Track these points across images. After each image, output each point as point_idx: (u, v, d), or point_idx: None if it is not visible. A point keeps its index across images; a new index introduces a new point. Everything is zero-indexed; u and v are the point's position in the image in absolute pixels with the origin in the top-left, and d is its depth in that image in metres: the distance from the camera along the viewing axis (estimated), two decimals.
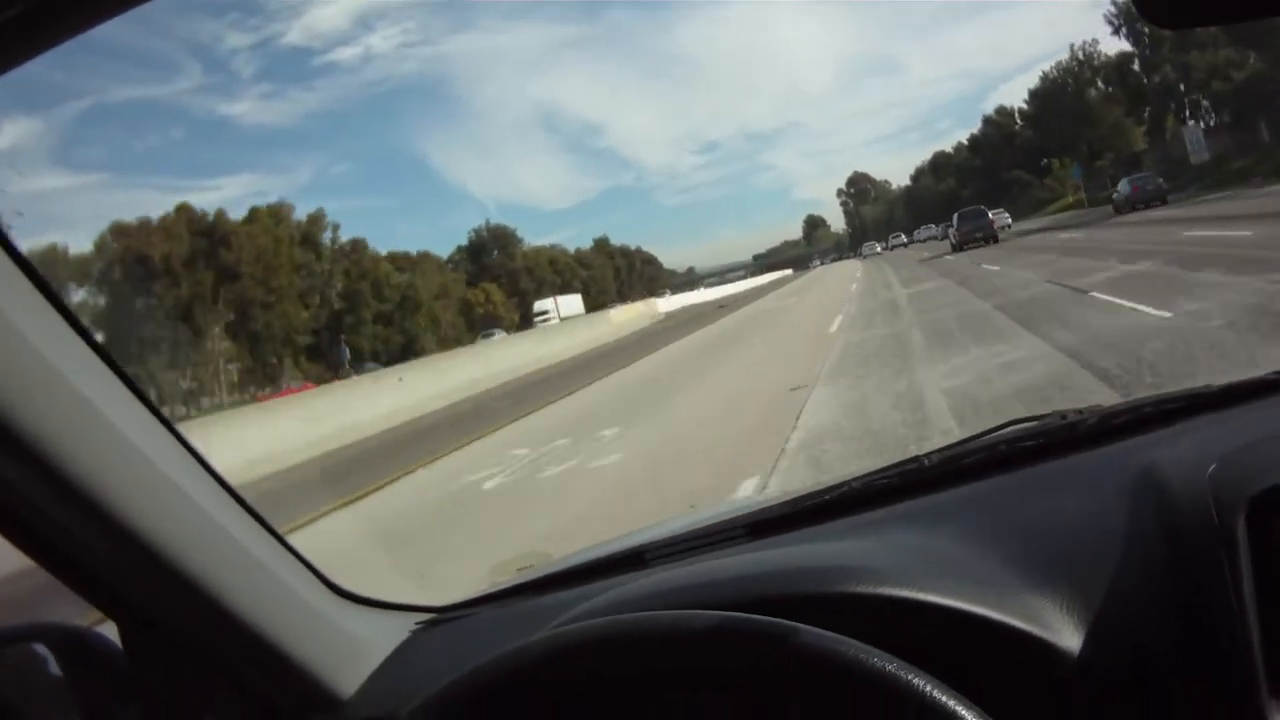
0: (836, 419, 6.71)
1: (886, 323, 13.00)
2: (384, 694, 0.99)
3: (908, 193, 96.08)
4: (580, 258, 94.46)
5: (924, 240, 58.17)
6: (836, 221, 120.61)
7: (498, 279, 78.38)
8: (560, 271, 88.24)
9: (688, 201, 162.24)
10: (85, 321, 0.83)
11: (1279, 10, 0.55)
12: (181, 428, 0.91)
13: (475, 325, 68.84)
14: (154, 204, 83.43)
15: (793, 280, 52.75)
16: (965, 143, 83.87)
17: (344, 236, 59.20)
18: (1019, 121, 73.22)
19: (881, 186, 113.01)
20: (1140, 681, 0.75)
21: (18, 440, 0.72)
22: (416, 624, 1.15)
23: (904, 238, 68.43)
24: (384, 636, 1.09)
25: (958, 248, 29.45)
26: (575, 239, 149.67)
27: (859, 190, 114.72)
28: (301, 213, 55.25)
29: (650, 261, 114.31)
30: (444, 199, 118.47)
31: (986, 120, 79.39)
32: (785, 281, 52.84)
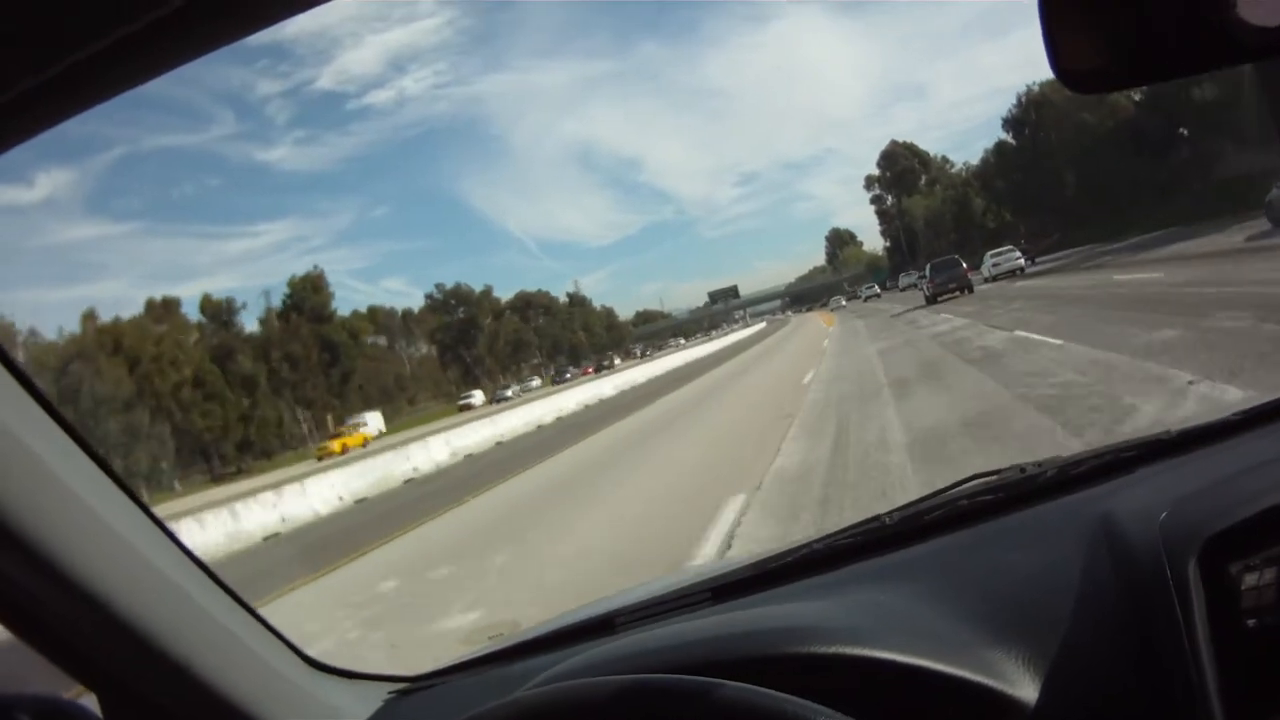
0: None
1: None
2: None
3: (994, 156, 50.91)
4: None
5: (903, 289, 46.94)
6: (872, 236, 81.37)
7: None
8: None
9: (728, 233, 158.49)
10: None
11: (1188, 72, 0.54)
12: None
13: None
14: (194, 250, 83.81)
15: (732, 358, 32.03)
16: None
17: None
18: None
19: (937, 165, 67.14)
20: None
21: (3, 527, 0.76)
22: (389, 693, 1.16)
23: (876, 288, 57.96)
24: (358, 706, 1.10)
25: (931, 300, 26.95)
26: (617, 274, 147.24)
27: (900, 171, 68.72)
28: None
29: (548, 309, 70.59)
30: (484, 239, 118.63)
31: None
32: (720, 360, 32.23)
